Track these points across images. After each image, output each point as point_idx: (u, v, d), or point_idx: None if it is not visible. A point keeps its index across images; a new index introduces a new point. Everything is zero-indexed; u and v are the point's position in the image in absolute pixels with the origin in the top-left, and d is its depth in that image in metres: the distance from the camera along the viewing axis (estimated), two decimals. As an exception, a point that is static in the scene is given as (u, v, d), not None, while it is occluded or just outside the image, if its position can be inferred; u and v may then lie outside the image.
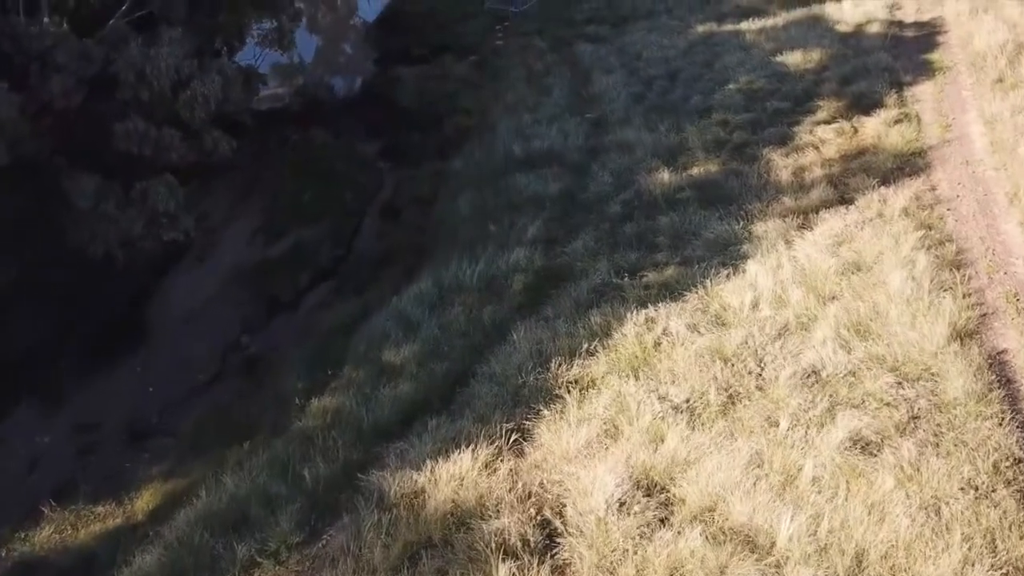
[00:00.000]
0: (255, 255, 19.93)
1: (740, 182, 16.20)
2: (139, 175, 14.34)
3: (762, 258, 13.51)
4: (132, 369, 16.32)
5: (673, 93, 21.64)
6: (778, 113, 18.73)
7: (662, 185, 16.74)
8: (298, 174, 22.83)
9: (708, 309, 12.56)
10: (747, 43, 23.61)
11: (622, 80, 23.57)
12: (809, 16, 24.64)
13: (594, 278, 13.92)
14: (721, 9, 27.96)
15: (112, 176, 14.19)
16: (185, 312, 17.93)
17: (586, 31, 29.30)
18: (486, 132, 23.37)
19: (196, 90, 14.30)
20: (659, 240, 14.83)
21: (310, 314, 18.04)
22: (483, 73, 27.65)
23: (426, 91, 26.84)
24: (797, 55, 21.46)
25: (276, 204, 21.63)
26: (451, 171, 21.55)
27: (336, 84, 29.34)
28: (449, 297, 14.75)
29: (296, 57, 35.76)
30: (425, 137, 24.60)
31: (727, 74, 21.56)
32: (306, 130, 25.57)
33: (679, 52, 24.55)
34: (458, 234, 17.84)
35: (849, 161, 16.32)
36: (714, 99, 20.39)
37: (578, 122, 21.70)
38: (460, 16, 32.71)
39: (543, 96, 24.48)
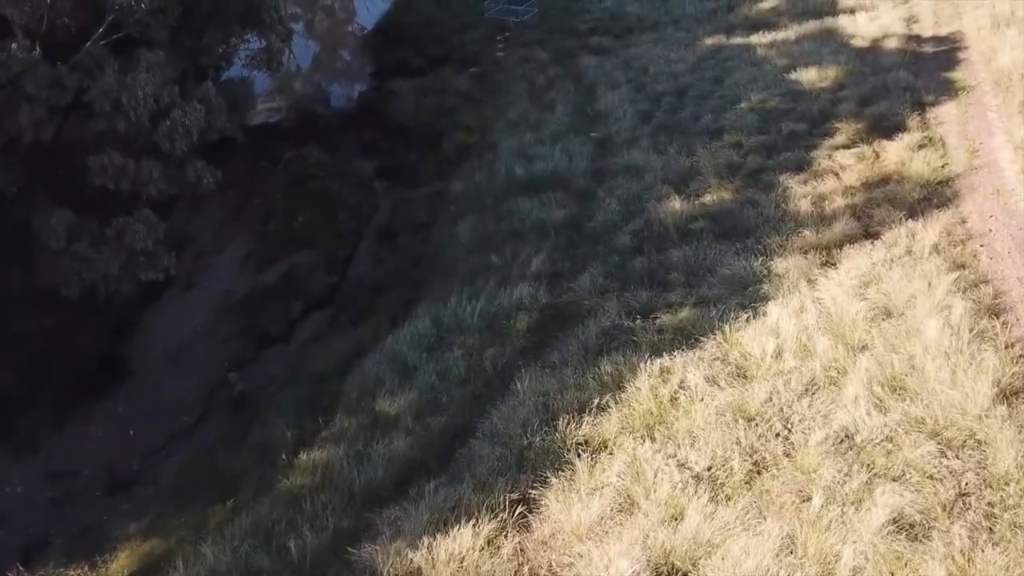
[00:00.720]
0: (246, 282, 19.05)
1: (756, 212, 15.29)
2: (116, 210, 13.43)
3: (784, 300, 12.60)
4: (113, 410, 15.42)
5: (682, 111, 20.72)
6: (794, 136, 17.81)
7: (673, 214, 15.82)
8: (292, 194, 21.95)
9: (728, 358, 11.64)
10: (758, 58, 22.71)
11: (628, 96, 22.65)
12: (822, 29, 23.73)
13: (603, 320, 13.00)
14: (729, 21, 27.06)
15: (86, 212, 13.30)
16: (170, 347, 17.04)
17: (590, 42, 28.38)
18: (487, 151, 22.48)
19: (177, 120, 13.39)
20: (672, 277, 13.91)
21: (302, 348, 17.15)
22: (483, 87, 26.74)
23: (424, 106, 25.93)
24: (812, 72, 20.54)
25: (268, 227, 20.75)
26: (450, 193, 20.64)
27: (332, 97, 28.44)
28: (448, 338, 13.84)
29: (293, 65, 34.99)
30: (423, 156, 23.71)
31: (738, 92, 20.65)
32: (300, 147, 24.66)
33: (687, 67, 23.64)
34: (458, 264, 16.94)
35: (872, 190, 15.40)
36: (726, 119, 19.47)
37: (583, 142, 20.80)
38: (459, 26, 31.79)
39: (546, 112, 23.57)
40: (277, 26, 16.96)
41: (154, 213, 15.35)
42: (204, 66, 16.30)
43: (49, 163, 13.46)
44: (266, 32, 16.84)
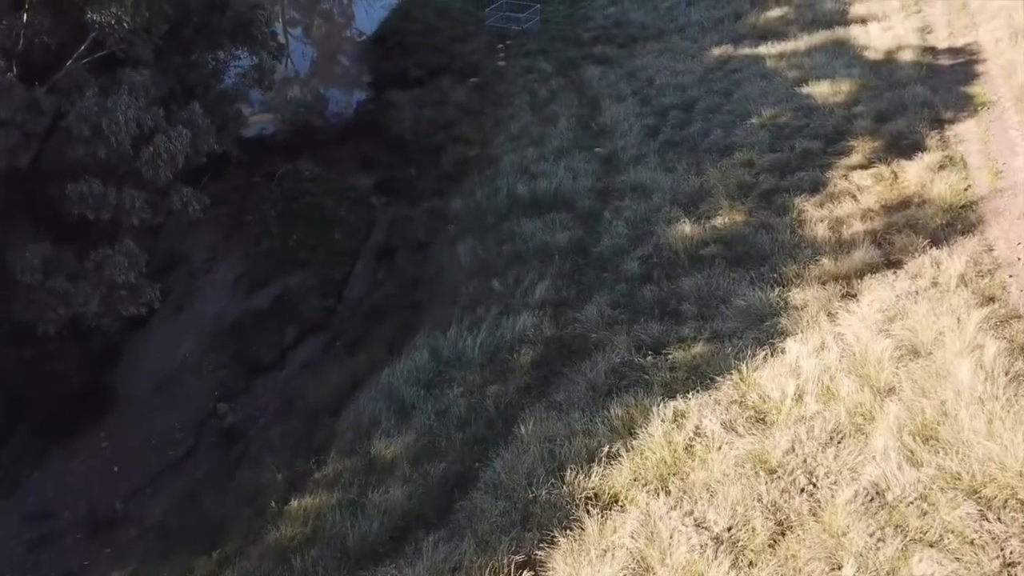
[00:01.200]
0: (237, 305, 18.34)
1: (771, 237, 14.57)
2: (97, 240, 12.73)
3: (803, 336, 11.88)
4: (96, 445, 14.72)
5: (690, 127, 20.02)
6: (808, 154, 17.10)
7: (684, 239, 15.12)
8: (286, 211, 21.26)
9: (745, 400, 10.92)
10: (768, 70, 22.01)
11: (634, 110, 21.97)
12: (833, 40, 23.03)
13: (612, 355, 12.29)
14: (736, 30, 26.37)
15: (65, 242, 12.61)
16: (158, 375, 16.33)
17: (593, 52, 27.69)
18: (487, 166, 21.80)
19: (160, 146, 12.69)
20: (684, 308, 13.20)
21: (295, 377, 16.44)
22: (484, 98, 26.05)
23: (423, 118, 25.24)
24: (824, 86, 19.83)
25: (262, 246, 20.05)
26: (450, 211, 19.94)
27: (329, 108, 27.74)
28: (447, 372, 13.14)
29: (292, 70, 34.27)
30: (422, 170, 23.04)
31: (748, 106, 19.95)
32: (295, 160, 23.99)
33: (695, 79, 22.96)
34: (458, 289, 16.24)
35: (892, 214, 14.68)
36: (736, 135, 18.77)
37: (587, 158, 20.12)
38: (460, 34, 31.10)
39: (549, 126, 22.89)
40: (269, 42, 16.26)
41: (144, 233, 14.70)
42: (192, 84, 15.60)
43: (26, 191, 12.78)
44: (257, 49, 16.14)
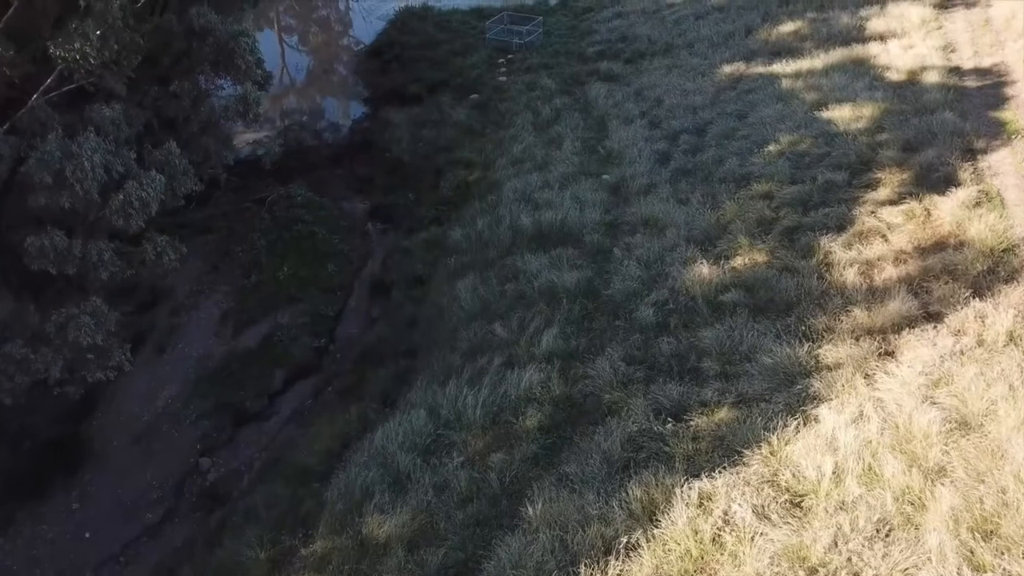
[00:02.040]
0: (223, 345, 17.24)
1: (796, 283, 13.47)
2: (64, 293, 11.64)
3: (839, 402, 10.79)
4: (67, 508, 13.61)
5: (703, 153, 18.94)
6: (831, 187, 16.01)
7: (701, 282, 14.02)
8: (277, 241, 20.17)
9: (778, 480, 9.82)
10: (784, 91, 20.93)
11: (643, 133, 20.89)
12: (851, 58, 21.95)
13: (628, 422, 11.19)
14: (748, 46, 25.30)
15: (26, 298, 11.52)
16: (137, 426, 15.23)
17: (599, 68, 26.63)
18: (489, 192, 20.72)
19: (131, 194, 11.58)
20: (705, 365, 12.10)
21: (283, 427, 15.35)
22: (485, 117, 24.98)
23: (421, 138, 24.18)
24: (846, 110, 18.74)
25: (250, 279, 18.96)
26: (449, 242, 18.85)
27: (323, 127, 26.66)
28: (447, 436, 12.03)
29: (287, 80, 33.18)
30: (420, 196, 21.96)
31: (765, 131, 18.86)
32: (287, 183, 22.92)
33: (706, 99, 21.88)
34: (457, 333, 15.14)
35: (926, 256, 13.58)
36: (753, 164, 17.69)
37: (595, 186, 19.03)
38: (460, 48, 30.05)
39: (553, 148, 21.81)
40: (254, 71, 15.15)
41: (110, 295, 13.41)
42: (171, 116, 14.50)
43: (-17, 242, 11.74)
44: (241, 79, 15.03)
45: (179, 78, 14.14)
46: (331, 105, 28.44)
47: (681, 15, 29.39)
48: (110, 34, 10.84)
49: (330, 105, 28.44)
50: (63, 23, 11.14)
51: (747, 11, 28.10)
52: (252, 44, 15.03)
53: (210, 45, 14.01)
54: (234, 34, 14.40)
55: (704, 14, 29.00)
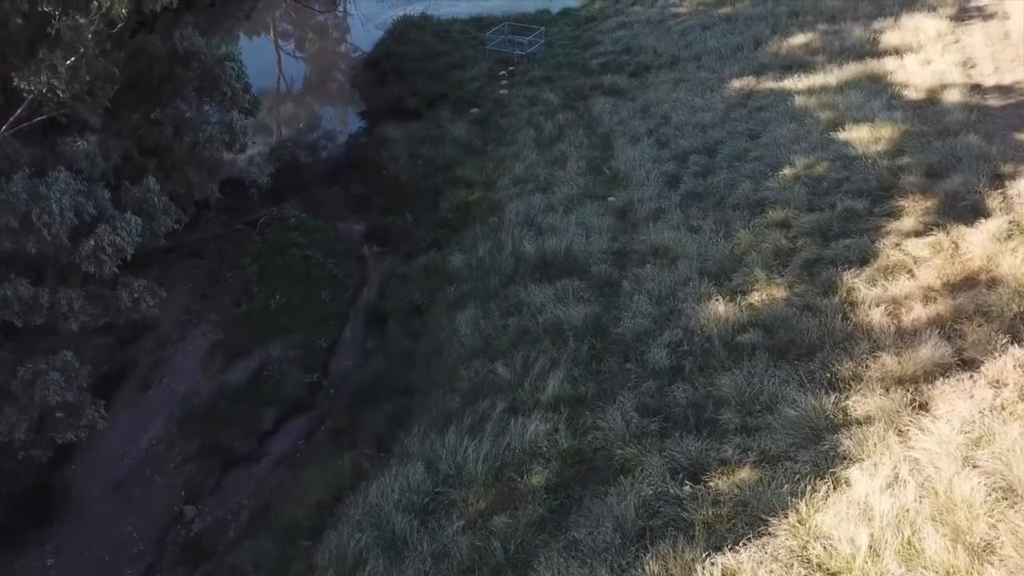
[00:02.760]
0: (211, 381, 16.40)
1: (818, 323, 12.63)
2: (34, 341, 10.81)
3: (871, 462, 9.96)
4: (42, 564, 12.74)
5: (715, 175, 18.11)
6: (852, 215, 15.18)
7: (717, 321, 13.18)
8: (269, 266, 19.33)
9: (808, 555, 8.99)
10: (797, 109, 20.10)
11: (650, 153, 20.07)
12: (866, 74, 21.13)
13: (642, 484, 10.35)
14: (758, 59, 24.48)
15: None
16: (118, 471, 14.39)
17: (603, 81, 25.81)
18: (490, 214, 19.89)
19: (104, 238, 10.73)
20: (724, 417, 11.27)
21: (273, 471, 14.50)
22: (485, 133, 24.16)
23: (420, 156, 23.35)
24: (863, 131, 17.92)
25: (240, 308, 18.12)
26: (449, 268, 18.01)
27: (318, 143, 25.81)
28: (446, 494, 11.19)
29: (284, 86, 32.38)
30: (419, 217, 21.12)
31: (779, 153, 18.03)
32: (281, 203, 22.07)
33: (716, 117, 21.05)
34: (457, 372, 14.30)
35: (956, 294, 12.74)
36: (767, 188, 16.86)
37: (601, 210, 18.20)
38: (459, 60, 29.23)
39: (557, 168, 20.99)
40: (240, 98, 14.29)
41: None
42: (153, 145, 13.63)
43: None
44: (227, 106, 14.15)
45: (161, 105, 13.33)
46: (327, 119, 27.61)
47: (687, 25, 28.57)
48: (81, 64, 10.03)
49: (326, 119, 27.61)
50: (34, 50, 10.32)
51: (755, 22, 27.30)
52: (239, 69, 14.15)
53: (194, 70, 13.17)
54: (219, 58, 13.54)
55: (711, 25, 28.19)
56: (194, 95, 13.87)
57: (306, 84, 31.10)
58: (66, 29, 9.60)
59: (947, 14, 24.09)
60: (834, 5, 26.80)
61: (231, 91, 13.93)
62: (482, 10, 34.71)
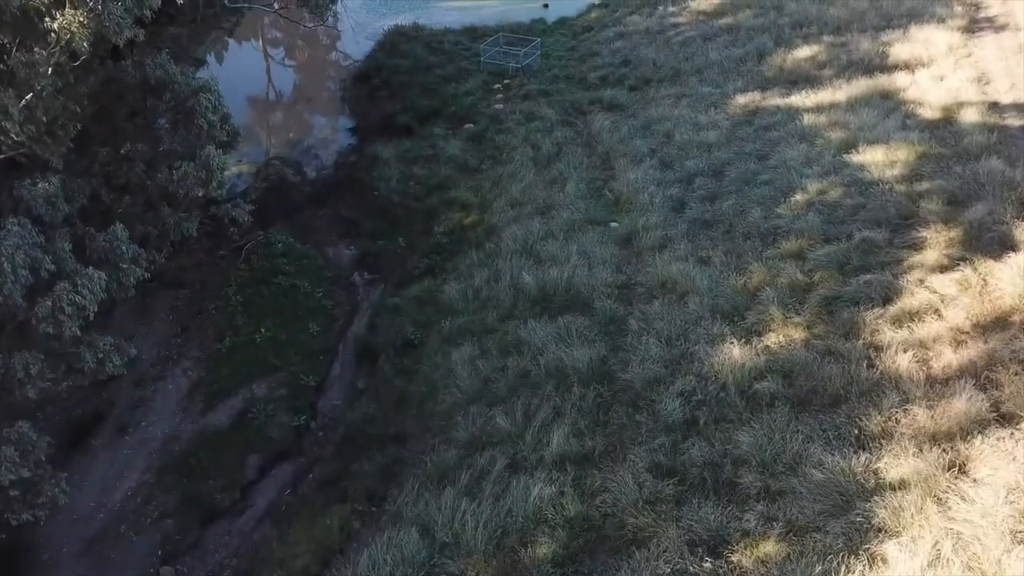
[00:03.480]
0: (191, 424, 15.44)
1: (842, 370, 11.77)
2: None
3: (908, 536, 9.12)
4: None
5: (722, 200, 17.23)
6: (870, 246, 14.32)
7: (732, 366, 12.30)
8: (254, 296, 18.38)
9: (845, 650, 8.12)
10: (806, 128, 19.24)
11: (653, 175, 19.17)
12: (877, 90, 20.30)
13: (658, 559, 9.48)
14: (762, 73, 23.63)
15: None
16: (91, 528, 13.41)
17: (602, 96, 24.89)
18: (486, 239, 18.98)
19: (62, 297, 9.75)
20: (744, 480, 10.39)
21: (257, 526, 13.53)
22: (481, 151, 23.22)
23: (412, 176, 22.40)
24: (878, 153, 17.08)
25: (223, 343, 17.14)
26: (443, 299, 17.09)
27: (307, 161, 24.81)
28: (443, 566, 10.29)
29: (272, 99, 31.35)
30: (411, 242, 20.16)
31: (789, 177, 17.17)
32: (267, 227, 21.11)
33: (721, 135, 20.18)
34: (453, 419, 13.39)
35: (989, 337, 11.90)
36: (779, 216, 16.01)
37: (603, 237, 17.30)
38: (452, 73, 28.26)
39: (556, 190, 20.08)
40: (218, 131, 13.28)
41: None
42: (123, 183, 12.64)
43: None
44: (203, 140, 13.12)
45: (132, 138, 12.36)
46: (316, 135, 26.59)
47: (687, 37, 27.70)
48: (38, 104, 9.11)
49: (315, 135, 26.58)
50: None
51: (758, 33, 26.44)
52: (216, 100, 13.11)
53: (168, 102, 12.22)
54: (195, 89, 12.54)
55: (712, 36, 27.33)
56: (168, 129, 12.85)
57: (295, 97, 30.08)
58: (20, 66, 8.67)
59: (957, 26, 23.31)
60: (839, 16, 25.98)
61: (207, 124, 12.90)
62: (476, 19, 33.75)
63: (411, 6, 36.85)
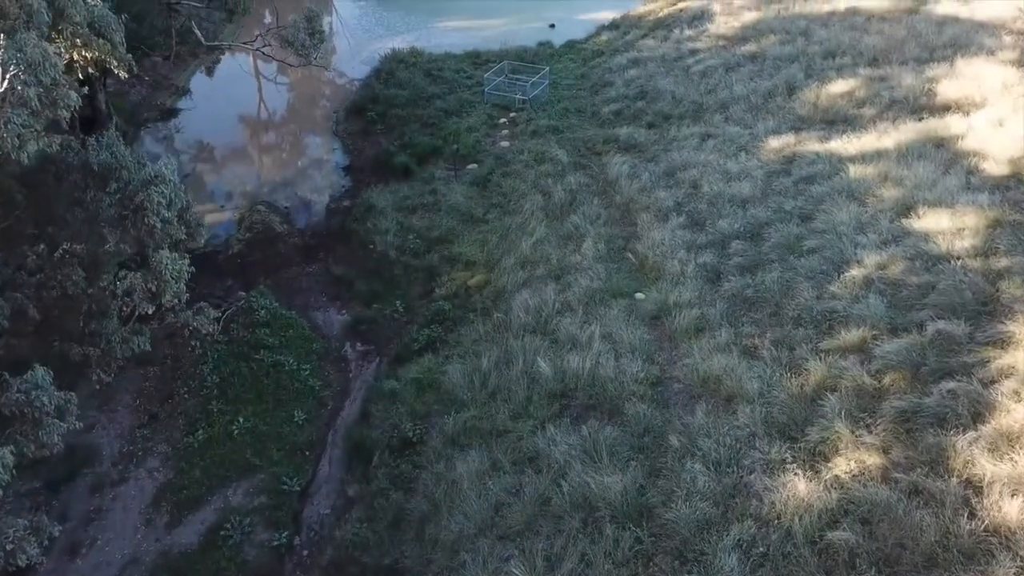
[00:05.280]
0: (154, 542, 13.29)
1: (934, 518, 9.68)
2: None
3: None
4: None
5: (764, 271, 15.13)
6: (948, 343, 12.21)
7: (798, 506, 10.21)
8: (232, 376, 16.23)
9: None
10: (853, 182, 17.13)
11: (682, 236, 17.05)
12: (929, 136, 18.20)
13: None
14: (795, 111, 21.53)
15: None
16: None
17: (617, 134, 22.79)
18: (495, 306, 16.89)
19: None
20: None
21: None
22: (486, 198, 21.10)
23: (411, 228, 20.27)
24: (942, 218, 14.99)
25: (195, 436, 14.99)
26: (446, 385, 14.96)
27: (295, 206, 22.63)
28: None
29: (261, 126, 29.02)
30: (410, 305, 18.03)
31: (841, 245, 15.07)
32: (250, 286, 18.99)
33: (755, 187, 18.07)
34: (459, 558, 11.26)
35: (1111, 474, 9.79)
36: (833, 295, 13.91)
37: (628, 313, 15.19)
38: (454, 105, 26.15)
39: (571, 248, 17.96)
40: (174, 229, 10.94)
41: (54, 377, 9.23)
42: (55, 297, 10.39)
43: None
44: (154, 243, 10.83)
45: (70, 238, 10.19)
46: (306, 176, 24.41)
47: (708, 66, 25.60)
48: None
49: (305, 176, 24.41)
50: None
51: (785, 63, 24.37)
52: (172, 192, 10.78)
53: (112, 194, 10.05)
54: (145, 180, 10.32)
55: (735, 65, 25.24)
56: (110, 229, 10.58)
57: (283, 132, 27.91)
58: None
59: (1008, 59, 21.26)
60: (874, 45, 23.92)
61: (160, 223, 10.66)
62: (478, 41, 31.67)
63: (408, 26, 34.81)
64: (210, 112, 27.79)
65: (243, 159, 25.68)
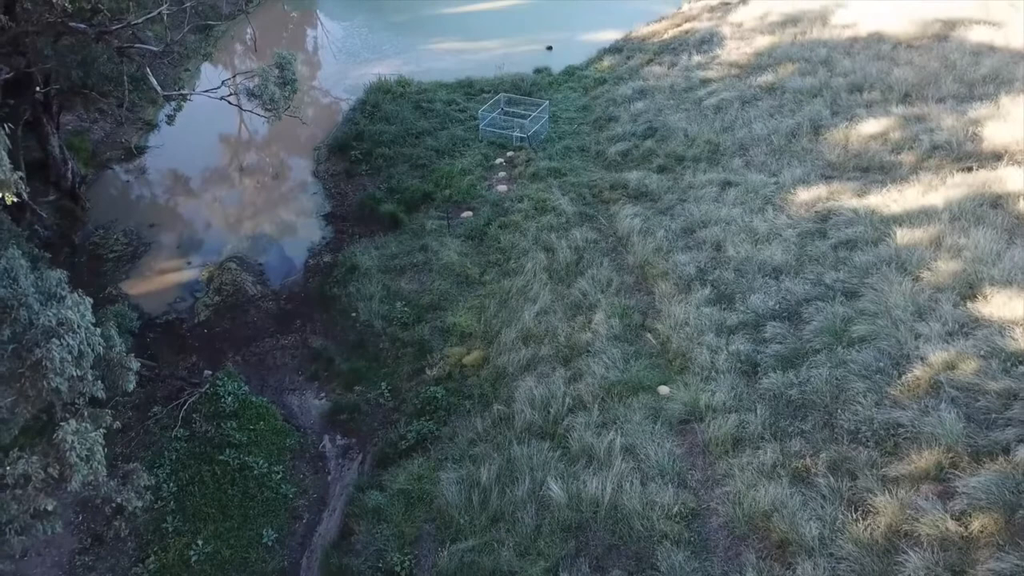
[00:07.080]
0: None
1: None
2: None
3: None
4: None
5: (808, 365, 12.99)
6: (1045, 474, 10.12)
7: None
8: (192, 482, 14.07)
9: None
10: (902, 250, 15.01)
11: (708, 314, 14.89)
12: (982, 193, 16.09)
13: None
14: (823, 154, 19.42)
15: None
16: None
17: (626, 179, 20.63)
18: (494, 394, 14.77)
19: None
20: None
21: None
22: (483, 254, 18.91)
23: (399, 293, 18.07)
24: (1014, 302, 12.88)
25: (146, 564, 12.78)
26: (440, 500, 12.82)
27: (269, 264, 20.36)
28: None
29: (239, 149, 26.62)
30: (397, 388, 15.87)
31: (897, 334, 12.96)
32: (217, 366, 16.79)
33: (788, 252, 15.93)
34: None
35: None
36: (896, 402, 11.80)
37: (652, 412, 13.06)
38: (446, 143, 23.90)
39: (580, 322, 15.81)
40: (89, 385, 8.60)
41: None
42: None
43: None
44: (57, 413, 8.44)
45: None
46: (283, 225, 22.08)
47: (722, 99, 23.44)
48: None
49: (281, 226, 22.07)
50: None
51: (807, 98, 22.24)
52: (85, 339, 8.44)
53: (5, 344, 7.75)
54: (46, 329, 7.98)
55: (751, 99, 23.10)
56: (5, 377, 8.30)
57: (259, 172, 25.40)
58: None
59: (1058, 97, 19.24)
60: (905, 78, 21.80)
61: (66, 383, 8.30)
62: (471, 66, 29.39)
63: (396, 49, 32.50)
64: (180, 150, 25.47)
65: (214, 204, 23.38)
